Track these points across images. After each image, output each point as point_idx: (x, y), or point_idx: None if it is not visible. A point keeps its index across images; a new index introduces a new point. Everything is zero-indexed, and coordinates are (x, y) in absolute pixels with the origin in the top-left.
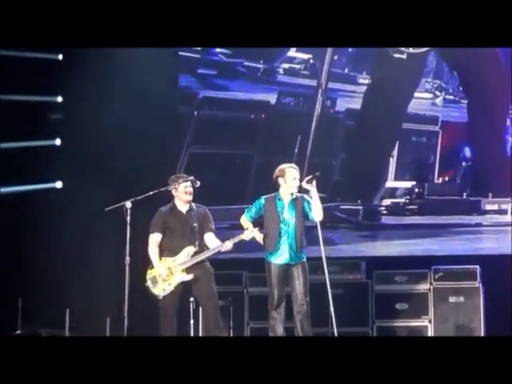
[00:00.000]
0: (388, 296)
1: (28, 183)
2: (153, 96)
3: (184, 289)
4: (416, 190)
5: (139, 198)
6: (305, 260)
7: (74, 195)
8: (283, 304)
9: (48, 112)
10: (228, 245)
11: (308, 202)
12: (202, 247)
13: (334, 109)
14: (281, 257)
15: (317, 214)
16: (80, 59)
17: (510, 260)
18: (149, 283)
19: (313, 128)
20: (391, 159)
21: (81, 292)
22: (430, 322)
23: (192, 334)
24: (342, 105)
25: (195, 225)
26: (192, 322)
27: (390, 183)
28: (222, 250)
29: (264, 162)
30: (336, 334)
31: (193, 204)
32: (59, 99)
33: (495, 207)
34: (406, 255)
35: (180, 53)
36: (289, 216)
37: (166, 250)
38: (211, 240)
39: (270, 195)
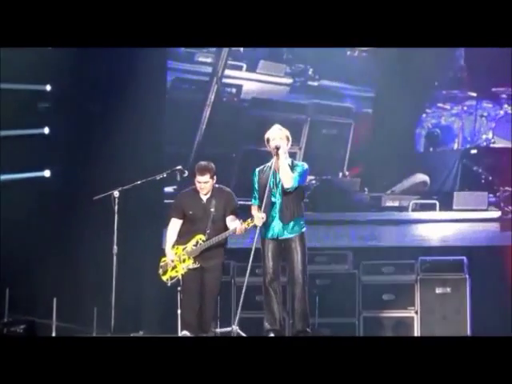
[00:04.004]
0: (375, 287)
1: (16, 172)
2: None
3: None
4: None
5: (127, 187)
6: (302, 231)
7: (61, 184)
8: (279, 280)
9: (37, 100)
10: (223, 237)
11: (295, 167)
12: (216, 234)
13: (238, 97)
14: (272, 230)
15: (283, 180)
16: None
17: (496, 251)
18: (160, 270)
19: (205, 117)
20: (298, 151)
21: (68, 282)
22: (416, 312)
23: (179, 324)
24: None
25: (212, 209)
26: (179, 311)
27: None
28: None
29: None
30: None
31: (216, 186)
32: (48, 88)
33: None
34: (394, 246)
35: None
36: (277, 185)
37: (182, 237)
38: (231, 224)
39: (262, 166)
